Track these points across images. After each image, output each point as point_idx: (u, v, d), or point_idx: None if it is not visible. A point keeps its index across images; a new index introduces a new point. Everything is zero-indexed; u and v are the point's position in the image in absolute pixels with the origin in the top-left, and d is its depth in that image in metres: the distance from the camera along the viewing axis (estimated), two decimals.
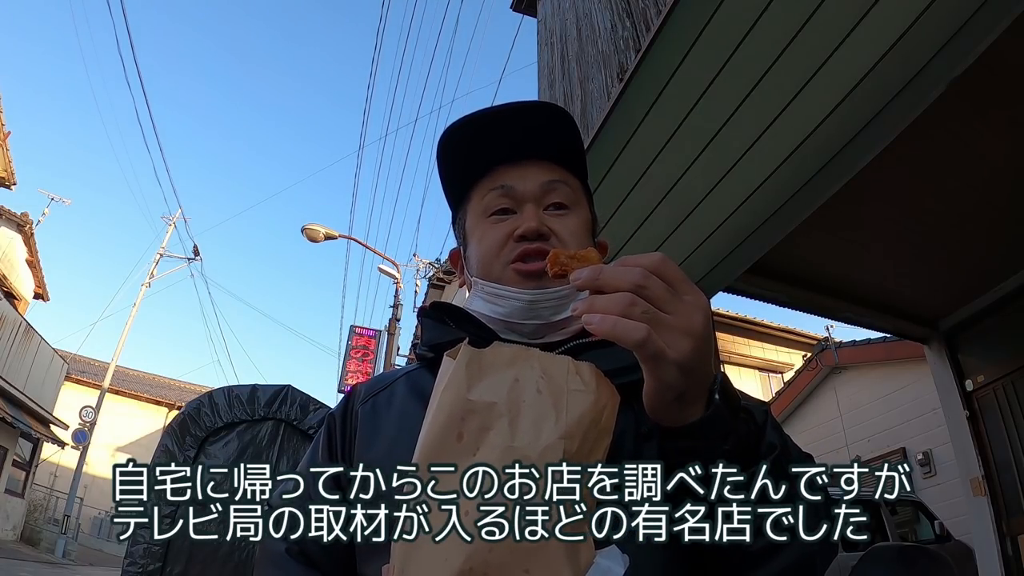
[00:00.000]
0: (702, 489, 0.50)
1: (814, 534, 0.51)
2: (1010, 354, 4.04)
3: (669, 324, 0.47)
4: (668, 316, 0.48)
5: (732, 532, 0.50)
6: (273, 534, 0.70)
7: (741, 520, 0.50)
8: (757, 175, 2.68)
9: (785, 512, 0.51)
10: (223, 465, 2.99)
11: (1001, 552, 3.95)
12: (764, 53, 2.18)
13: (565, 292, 0.66)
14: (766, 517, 0.50)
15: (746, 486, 0.49)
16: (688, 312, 0.48)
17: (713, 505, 0.50)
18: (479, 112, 0.72)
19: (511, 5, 5.42)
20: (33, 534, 14.67)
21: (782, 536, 0.50)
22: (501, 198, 0.70)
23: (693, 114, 2.48)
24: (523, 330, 0.67)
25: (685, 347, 0.47)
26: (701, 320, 0.49)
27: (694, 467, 0.50)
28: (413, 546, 0.46)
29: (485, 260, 0.69)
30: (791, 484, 0.52)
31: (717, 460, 0.49)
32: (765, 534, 0.50)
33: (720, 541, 0.49)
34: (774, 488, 0.51)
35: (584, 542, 0.47)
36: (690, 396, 0.50)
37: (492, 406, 0.49)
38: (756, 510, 0.50)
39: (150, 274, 17.63)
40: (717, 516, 0.50)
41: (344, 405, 0.73)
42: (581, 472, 0.48)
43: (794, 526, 0.50)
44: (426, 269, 12.25)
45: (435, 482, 0.47)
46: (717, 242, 3.11)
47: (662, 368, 0.48)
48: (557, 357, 0.55)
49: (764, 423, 0.53)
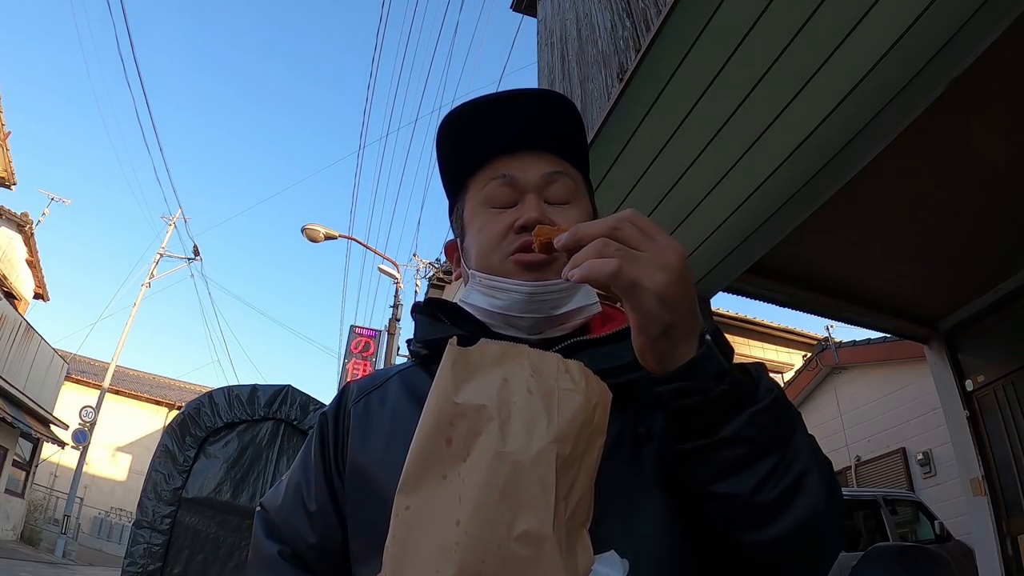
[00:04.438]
0: (704, 436, 0.50)
1: (816, 491, 0.50)
2: (1010, 354, 4.04)
3: (643, 259, 0.49)
4: (642, 252, 0.49)
5: (732, 481, 0.50)
6: (266, 537, 0.69)
7: (739, 463, 0.50)
8: (757, 175, 2.69)
9: (784, 459, 0.50)
10: (223, 465, 2.99)
11: (1001, 552, 3.95)
12: (764, 53, 2.18)
13: (566, 285, 0.64)
14: (764, 460, 0.50)
15: (743, 432, 0.49)
16: (661, 250, 0.50)
17: (712, 449, 0.50)
18: (482, 98, 0.69)
19: (511, 5, 5.41)
20: (33, 534, 14.66)
21: (783, 487, 0.49)
22: (502, 188, 0.68)
23: (693, 114, 2.48)
24: (521, 324, 0.65)
25: (660, 279, 0.48)
26: (675, 258, 0.49)
27: (696, 414, 0.50)
28: (404, 555, 0.45)
29: (484, 250, 0.67)
30: (791, 431, 0.52)
31: (714, 404, 0.50)
32: (767, 488, 0.49)
33: (721, 489, 0.50)
34: (772, 432, 0.50)
35: (581, 548, 0.46)
36: (677, 334, 0.50)
37: (481, 409, 0.48)
38: (755, 452, 0.50)
39: (150, 274, 17.62)
40: (716, 461, 0.50)
41: (336, 404, 0.71)
42: (576, 476, 0.47)
43: (798, 479, 0.50)
44: (426, 269, 12.24)
45: (425, 491, 0.46)
46: (717, 242, 3.11)
47: (640, 297, 0.49)
48: (546, 354, 0.53)
49: (760, 376, 0.53)
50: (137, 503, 2.95)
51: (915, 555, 2.77)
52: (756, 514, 0.50)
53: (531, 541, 0.43)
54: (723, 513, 0.51)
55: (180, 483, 2.89)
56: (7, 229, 13.88)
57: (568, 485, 0.46)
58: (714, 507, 0.52)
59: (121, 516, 17.69)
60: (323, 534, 0.65)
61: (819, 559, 0.53)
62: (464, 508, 0.44)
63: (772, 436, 0.50)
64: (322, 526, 0.65)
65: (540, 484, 0.45)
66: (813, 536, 0.51)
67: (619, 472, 0.56)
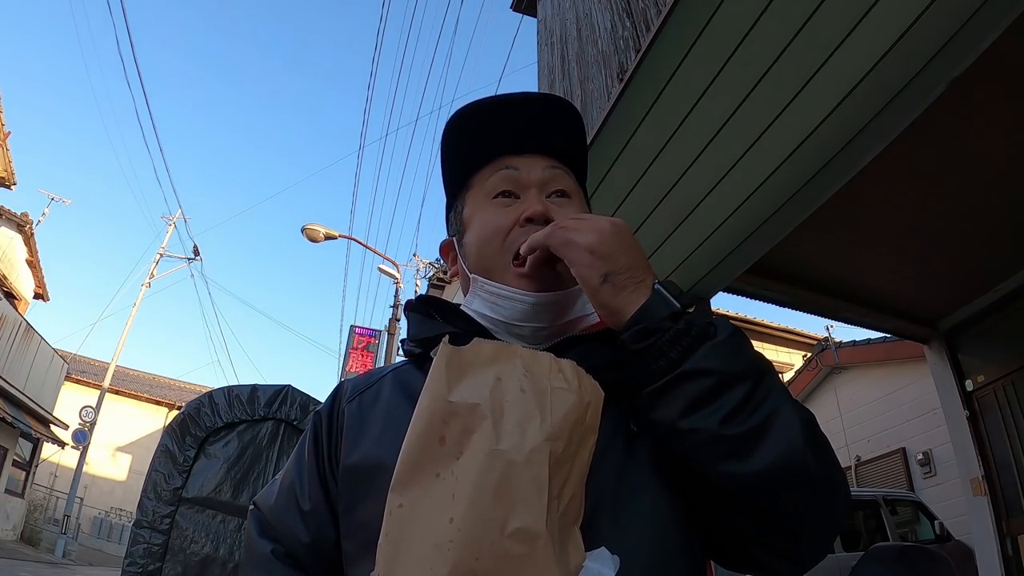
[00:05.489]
0: (667, 374, 0.53)
1: (791, 426, 0.51)
2: (1010, 354, 4.04)
3: (577, 227, 0.59)
4: (575, 223, 0.60)
5: (698, 415, 0.51)
6: (259, 536, 0.69)
7: (703, 397, 0.51)
8: (757, 175, 2.68)
9: (753, 395, 0.51)
10: (223, 465, 2.99)
11: (1001, 552, 3.95)
12: (764, 53, 2.18)
13: (566, 294, 0.65)
14: (728, 393, 0.51)
15: (701, 364, 0.52)
16: (593, 220, 0.60)
17: (674, 384, 0.52)
18: (490, 98, 0.72)
19: (511, 5, 5.42)
20: (33, 534, 14.67)
21: (754, 422, 0.50)
22: (505, 180, 0.70)
23: (693, 114, 2.48)
24: (522, 332, 0.65)
25: (591, 237, 0.57)
26: (606, 223, 0.58)
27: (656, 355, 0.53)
28: (398, 552, 0.45)
29: (484, 243, 0.68)
30: (758, 370, 0.53)
31: (672, 343, 0.53)
32: (736, 421, 0.50)
33: (688, 424, 0.52)
34: (732, 364, 0.52)
35: (573, 546, 0.47)
36: (619, 280, 0.56)
37: (475, 407, 0.48)
38: (717, 385, 0.51)
39: (150, 274, 17.63)
40: (680, 397, 0.52)
41: (330, 403, 0.71)
42: (568, 474, 0.47)
43: (771, 415, 0.51)
44: (426, 269, 12.26)
45: (418, 489, 0.46)
46: (717, 242, 3.11)
47: (574, 253, 0.58)
48: (539, 353, 0.54)
49: (721, 320, 0.56)
50: (137, 503, 2.95)
51: (915, 555, 2.76)
52: (728, 446, 0.51)
53: (524, 538, 0.43)
54: (695, 448, 0.52)
55: (180, 483, 2.89)
56: (7, 229, 13.88)
57: (561, 483, 0.47)
58: (686, 444, 0.53)
59: (121, 516, 17.70)
60: (316, 533, 0.65)
61: (806, 496, 0.53)
62: (458, 506, 0.44)
63: (734, 368, 0.52)
64: (316, 525, 0.65)
65: (533, 482, 0.45)
66: (795, 471, 0.51)
67: (612, 469, 0.57)
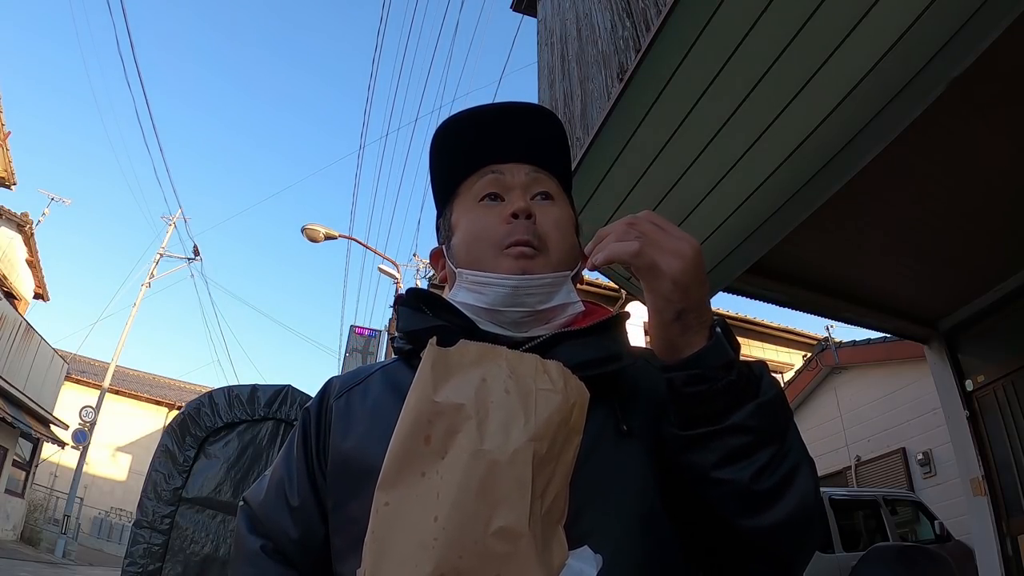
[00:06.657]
0: (711, 423, 0.54)
1: (806, 483, 0.54)
2: (1010, 354, 4.04)
3: (660, 245, 0.54)
4: (659, 239, 0.55)
5: (734, 468, 0.53)
6: (248, 532, 0.70)
7: (742, 451, 0.53)
8: (757, 175, 2.68)
9: (781, 451, 0.54)
10: (223, 465, 2.99)
11: (1001, 552, 3.95)
12: (764, 53, 2.18)
13: (550, 280, 0.66)
14: (763, 450, 0.53)
15: (748, 422, 0.53)
16: (676, 240, 0.55)
17: (718, 436, 0.53)
18: (475, 108, 0.74)
19: (511, 5, 5.41)
20: (33, 534, 14.67)
21: (779, 477, 0.53)
22: (491, 183, 0.72)
23: (693, 114, 2.48)
24: (506, 319, 0.66)
25: (676, 265, 0.53)
26: (689, 248, 0.54)
27: (704, 402, 0.54)
28: (383, 550, 0.45)
29: (472, 237, 0.69)
30: (787, 426, 0.56)
31: (721, 393, 0.53)
32: (765, 476, 0.52)
33: (723, 475, 0.53)
34: (773, 424, 0.54)
35: (556, 544, 0.47)
36: (689, 320, 0.55)
37: (460, 408, 0.49)
38: (756, 442, 0.53)
39: (150, 274, 17.61)
40: (720, 448, 0.53)
41: (319, 400, 0.72)
42: (552, 474, 0.48)
43: (792, 471, 0.53)
44: (426, 269, 12.24)
45: (404, 488, 0.47)
46: (717, 242, 3.11)
47: (657, 280, 0.54)
48: (525, 355, 0.55)
49: (762, 372, 0.57)
50: (137, 503, 2.95)
51: (915, 555, 2.76)
52: (754, 500, 0.53)
53: (508, 537, 0.44)
54: (723, 498, 0.54)
55: (180, 483, 2.89)
56: (7, 229, 13.88)
57: (544, 483, 0.47)
58: (715, 492, 0.54)
59: (121, 516, 17.70)
60: (305, 529, 0.66)
61: (807, 547, 0.57)
62: (442, 505, 0.45)
63: (773, 428, 0.54)
64: (304, 521, 0.66)
65: (517, 482, 0.46)
66: (804, 524, 0.54)
67: (598, 468, 0.57)
